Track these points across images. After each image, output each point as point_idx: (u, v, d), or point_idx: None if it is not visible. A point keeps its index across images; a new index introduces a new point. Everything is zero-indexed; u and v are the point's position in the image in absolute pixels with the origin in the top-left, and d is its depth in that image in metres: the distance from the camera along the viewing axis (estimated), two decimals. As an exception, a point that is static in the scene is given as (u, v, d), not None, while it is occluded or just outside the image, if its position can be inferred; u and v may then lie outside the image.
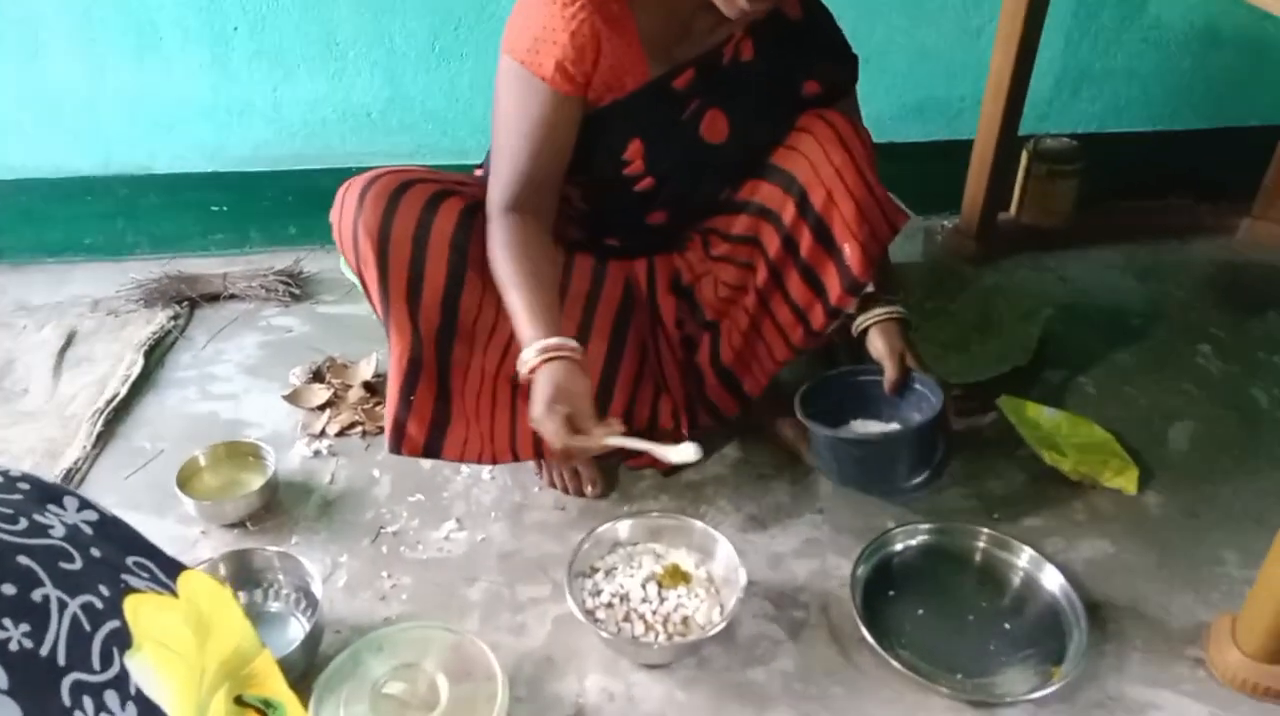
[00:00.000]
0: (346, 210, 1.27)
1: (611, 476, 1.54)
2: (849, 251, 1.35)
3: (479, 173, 1.53)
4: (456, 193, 1.31)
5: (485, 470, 1.55)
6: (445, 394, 1.33)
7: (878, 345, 1.42)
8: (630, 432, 1.50)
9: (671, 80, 1.30)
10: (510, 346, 1.36)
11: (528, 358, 1.21)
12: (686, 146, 1.34)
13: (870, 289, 1.40)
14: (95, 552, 0.73)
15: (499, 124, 1.27)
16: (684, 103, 1.32)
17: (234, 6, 1.87)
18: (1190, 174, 2.25)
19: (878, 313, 1.42)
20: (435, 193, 1.28)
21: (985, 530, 1.40)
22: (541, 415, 1.18)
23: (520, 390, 1.39)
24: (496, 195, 1.28)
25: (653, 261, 1.51)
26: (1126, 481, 1.51)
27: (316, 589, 1.27)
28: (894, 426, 1.45)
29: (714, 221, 1.47)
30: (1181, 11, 2.08)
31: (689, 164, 1.36)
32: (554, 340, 1.21)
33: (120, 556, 0.76)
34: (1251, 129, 2.24)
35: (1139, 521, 1.48)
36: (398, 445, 1.34)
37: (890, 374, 1.41)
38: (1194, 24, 2.09)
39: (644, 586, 1.30)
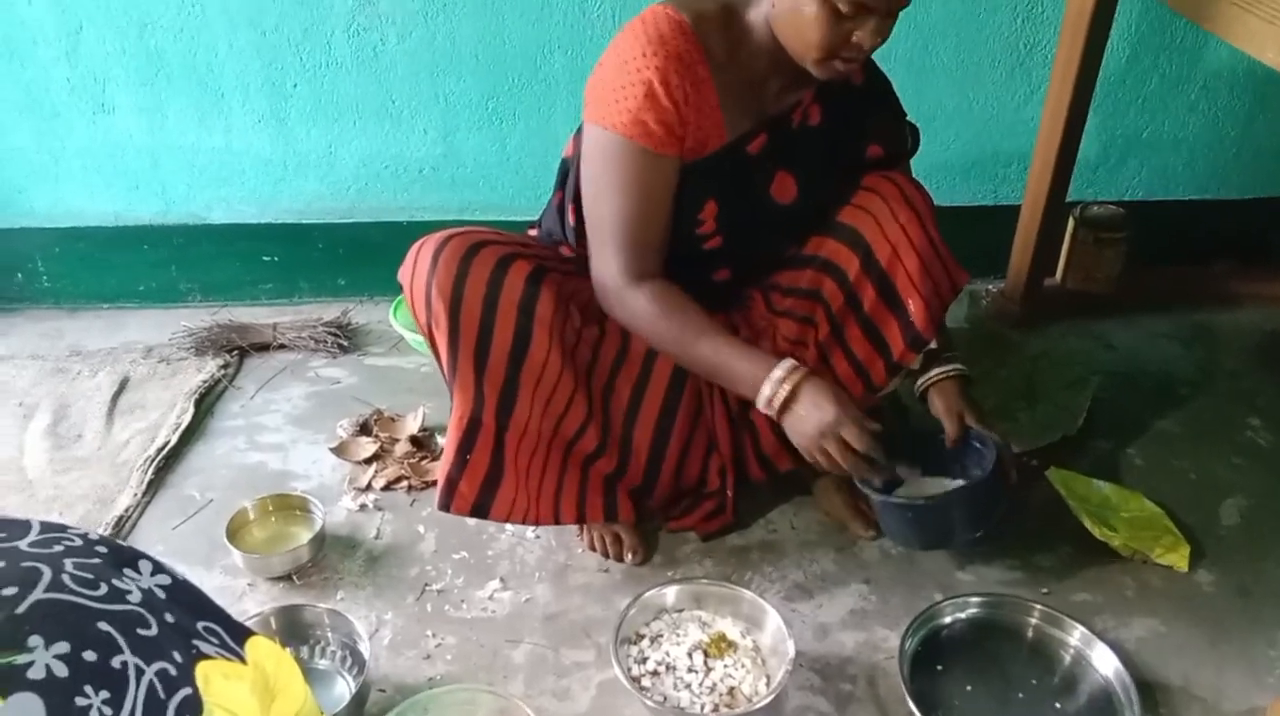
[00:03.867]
0: (419, 270, 1.28)
1: (651, 543, 1.54)
2: (913, 307, 1.37)
3: (532, 232, 1.55)
4: (523, 255, 1.32)
5: (529, 529, 1.55)
6: (500, 455, 1.34)
7: (937, 404, 1.44)
8: (679, 489, 1.53)
9: (746, 144, 1.33)
10: (568, 412, 1.37)
11: (779, 374, 1.29)
12: (756, 207, 1.38)
13: (933, 346, 1.42)
14: (169, 618, 0.74)
15: (605, 198, 1.29)
16: (756, 165, 1.35)
17: (294, 64, 1.92)
18: (1237, 242, 2.24)
19: (937, 372, 1.44)
20: (504, 254, 1.30)
21: (1037, 605, 1.39)
22: (843, 415, 1.28)
23: (572, 455, 1.41)
24: (624, 268, 1.31)
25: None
26: (1178, 558, 1.49)
27: (364, 648, 1.28)
28: (943, 480, 1.46)
29: (777, 276, 1.49)
30: (1228, 81, 2.08)
31: (758, 224, 1.39)
32: (790, 360, 1.30)
33: (191, 621, 0.77)
34: (1299, 198, 2.23)
35: (1190, 599, 1.45)
36: (448, 502, 1.34)
37: (950, 432, 1.43)
38: (1241, 94, 2.10)
39: (690, 655, 1.29)
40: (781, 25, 1.24)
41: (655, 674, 1.27)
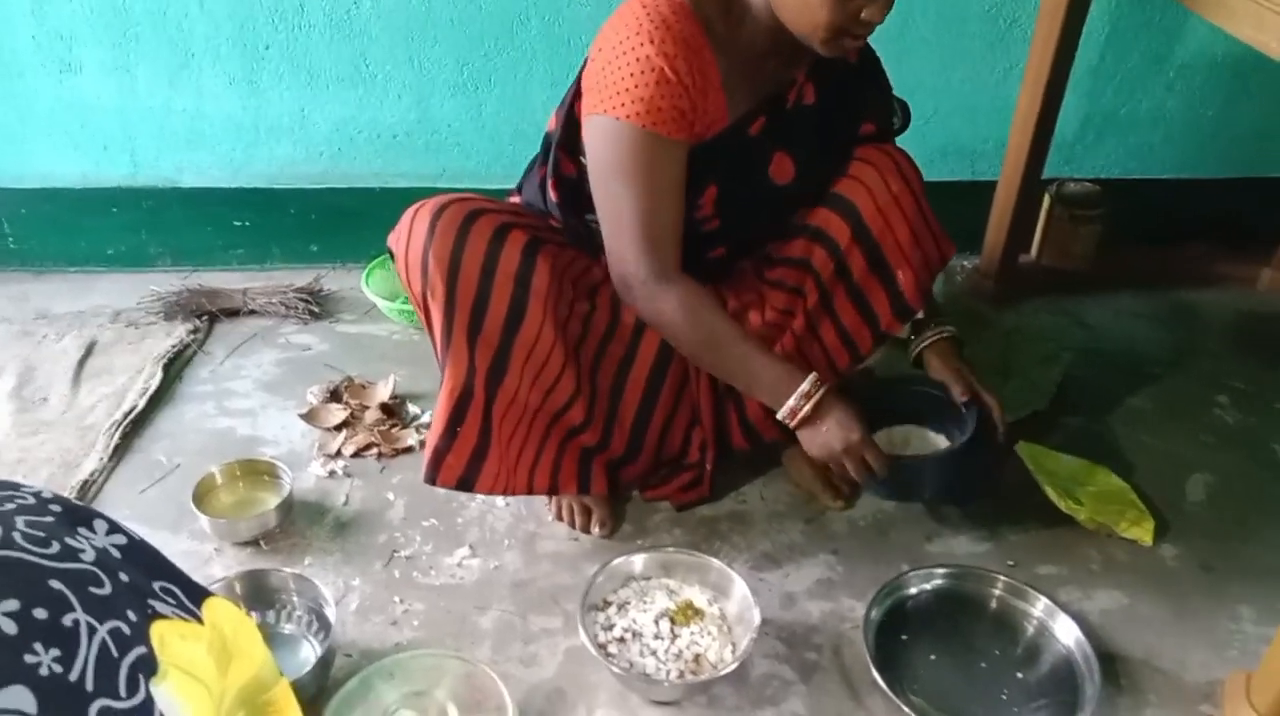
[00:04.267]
0: (415, 237, 1.25)
1: (620, 516, 1.54)
2: (903, 277, 1.39)
3: (514, 198, 1.53)
4: (518, 225, 1.30)
5: (499, 497, 1.55)
6: (488, 427, 1.32)
7: (936, 365, 1.46)
8: (659, 462, 1.54)
9: (748, 127, 1.32)
10: (557, 385, 1.36)
11: (806, 388, 1.31)
12: (756, 189, 1.37)
13: (920, 314, 1.45)
14: (124, 577, 0.73)
15: (622, 191, 1.26)
16: (756, 147, 1.34)
17: (266, 26, 1.89)
18: (1212, 222, 2.25)
19: (932, 334, 1.47)
20: (501, 224, 1.27)
21: (1001, 577, 1.40)
22: (867, 437, 1.33)
23: (555, 427, 1.40)
24: (649, 266, 1.28)
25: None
26: (1143, 532, 1.50)
27: (330, 612, 1.27)
28: (912, 427, 1.51)
29: (769, 247, 1.49)
30: (1207, 61, 2.08)
31: (756, 205, 1.39)
32: (814, 374, 1.33)
33: (147, 581, 0.76)
34: (1274, 179, 2.24)
35: (1154, 573, 1.47)
36: (434, 475, 1.33)
37: (957, 389, 1.44)
38: (1219, 74, 2.10)
39: (657, 622, 1.29)
40: (786, 5, 1.21)
41: (622, 640, 1.27)
